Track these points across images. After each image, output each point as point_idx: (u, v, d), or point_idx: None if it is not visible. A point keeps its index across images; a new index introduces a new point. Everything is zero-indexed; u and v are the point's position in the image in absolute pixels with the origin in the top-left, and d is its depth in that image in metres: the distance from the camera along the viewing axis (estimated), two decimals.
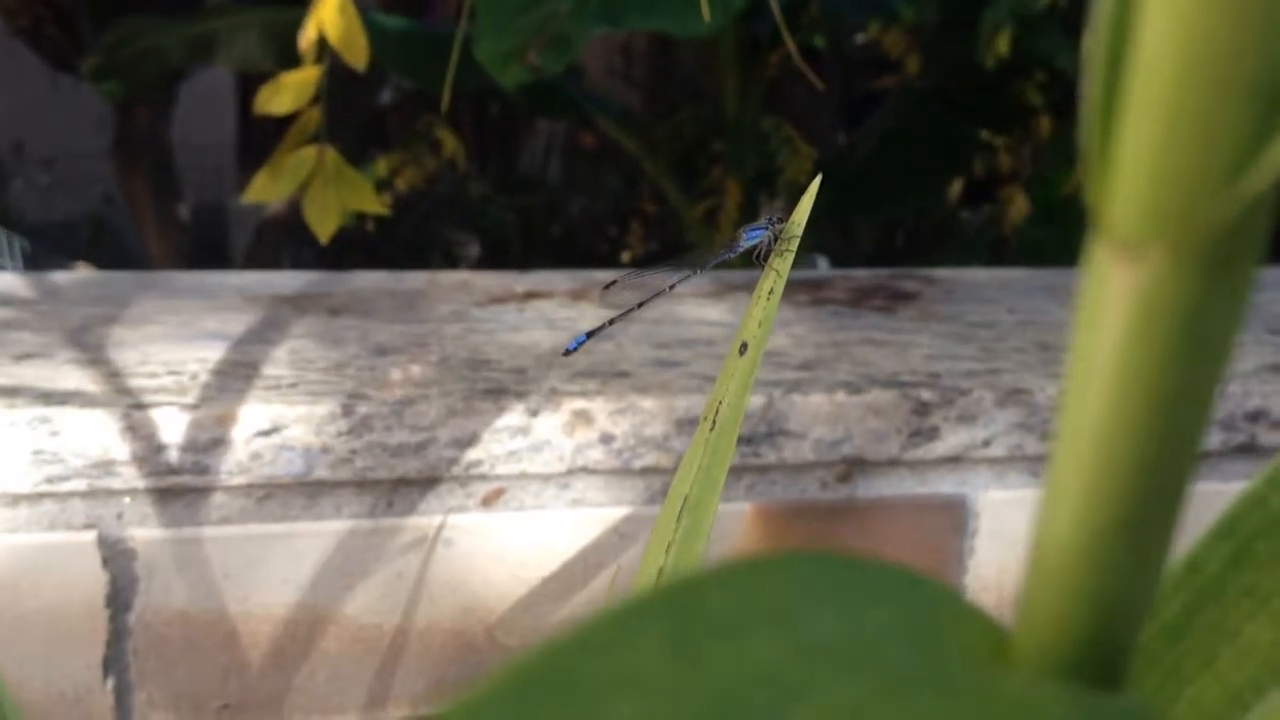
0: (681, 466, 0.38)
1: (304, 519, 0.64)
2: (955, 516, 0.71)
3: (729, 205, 2.28)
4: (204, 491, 0.62)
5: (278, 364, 0.68)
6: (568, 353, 0.67)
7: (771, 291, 0.38)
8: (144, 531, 0.62)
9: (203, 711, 0.64)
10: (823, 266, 3.23)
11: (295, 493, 0.63)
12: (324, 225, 1.27)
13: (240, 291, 0.82)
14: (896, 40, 2.45)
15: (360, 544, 0.64)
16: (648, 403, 0.66)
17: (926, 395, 0.68)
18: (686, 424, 0.66)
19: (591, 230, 3.58)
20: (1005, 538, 0.71)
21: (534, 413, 0.65)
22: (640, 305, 0.51)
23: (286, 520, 0.64)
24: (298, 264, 3.02)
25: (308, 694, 0.65)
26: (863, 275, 0.93)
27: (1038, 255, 2.23)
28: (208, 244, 2.96)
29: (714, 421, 0.37)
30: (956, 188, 2.84)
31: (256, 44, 2.09)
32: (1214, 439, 0.71)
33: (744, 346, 0.37)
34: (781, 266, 0.40)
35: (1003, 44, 2.36)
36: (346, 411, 0.63)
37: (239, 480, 0.62)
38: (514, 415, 0.64)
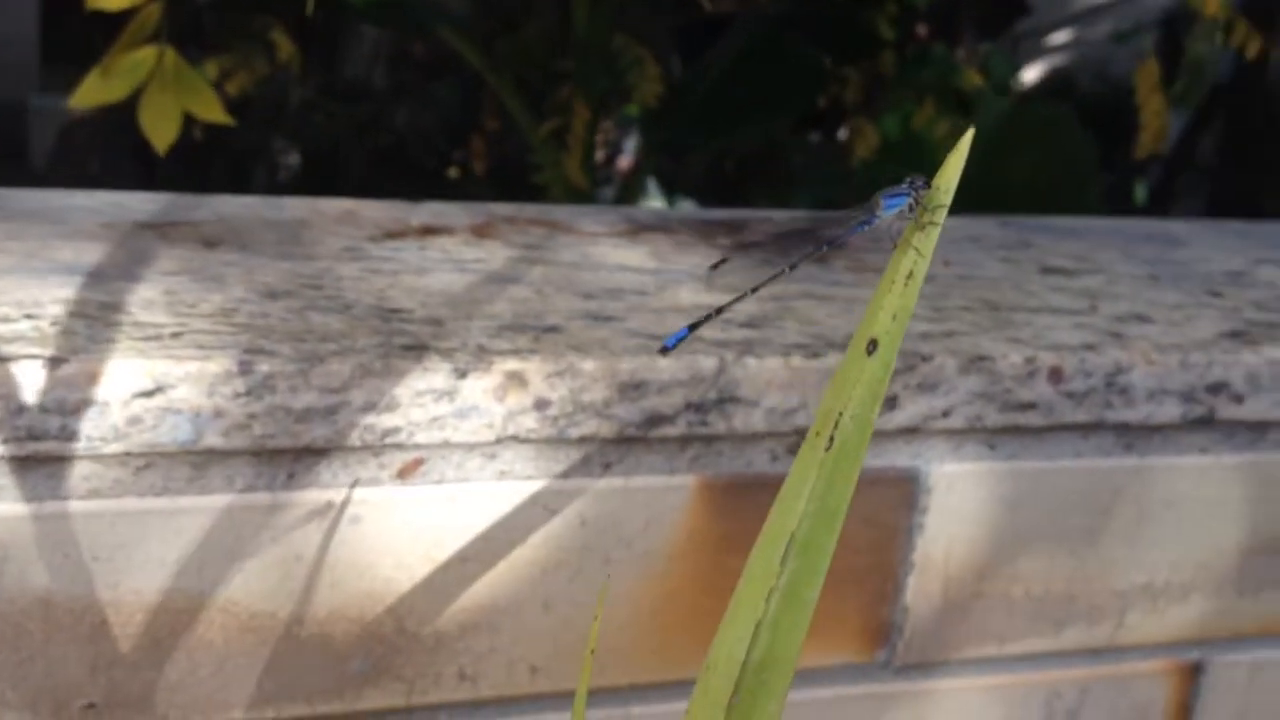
0: (783, 494, 0.30)
1: (189, 493, 0.55)
2: (906, 491, 0.65)
3: (577, 126, 2.18)
4: (70, 460, 0.53)
5: (154, 308, 0.58)
6: (665, 350, 0.58)
7: (910, 276, 0.31)
8: None
9: (65, 711, 0.55)
10: (685, 205, 3.17)
11: (180, 462, 0.54)
12: (162, 133, 1.15)
13: (93, 215, 0.71)
14: None
15: (254, 521, 0.56)
16: (588, 364, 0.58)
17: None
18: (630, 389, 0.59)
19: (421, 143, 3.44)
20: (957, 515, 0.65)
21: (461, 374, 0.56)
22: (754, 290, 0.43)
23: (169, 494, 0.54)
24: (109, 171, 2.82)
25: (188, 691, 0.56)
26: (780, 217, 0.86)
27: None
28: (5, 146, 2.74)
29: (831, 438, 0.29)
30: None
31: None
32: (1172, 411, 0.67)
33: (873, 344, 0.30)
34: (924, 244, 0.33)
35: None
36: (245, 369, 0.53)
37: (113, 448, 0.52)
38: (439, 376, 0.56)
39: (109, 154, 2.84)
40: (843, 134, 3.65)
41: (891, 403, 0.63)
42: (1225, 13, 2.24)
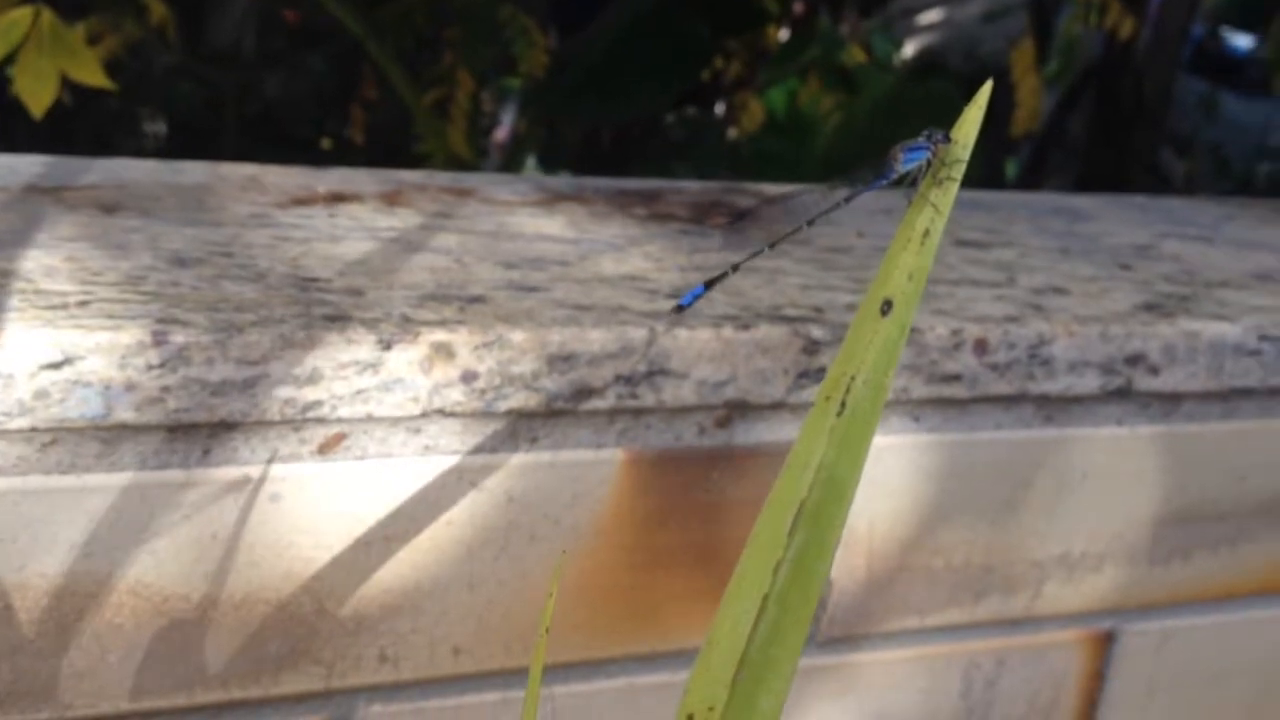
0: (790, 461, 0.29)
1: (98, 470, 0.52)
2: None
3: (460, 96, 2.15)
4: None
5: (57, 276, 0.55)
6: (680, 308, 0.55)
7: (927, 233, 0.30)
8: None
9: None
10: (563, 177, 3.14)
11: (89, 438, 0.51)
12: (38, 97, 1.10)
13: None
14: None
15: (167, 499, 0.53)
16: (517, 336, 0.56)
17: (817, 332, 0.61)
18: (559, 361, 0.57)
19: (293, 113, 3.36)
20: (882, 488, 0.65)
21: (386, 345, 0.54)
22: (772, 246, 0.42)
23: (76, 471, 0.51)
24: None
25: (97, 678, 0.54)
26: (693, 188, 0.85)
27: (774, 166, 2.20)
28: None
29: (843, 403, 0.28)
30: None
31: None
32: (1091, 382, 0.67)
33: (887, 305, 0.29)
34: (941, 200, 0.32)
35: None
36: (158, 340, 0.51)
37: (18, 424, 0.49)
38: (362, 348, 0.54)
39: None
40: (719, 108, 3.66)
41: (820, 375, 0.62)
42: None
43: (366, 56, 2.32)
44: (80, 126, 2.74)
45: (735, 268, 0.46)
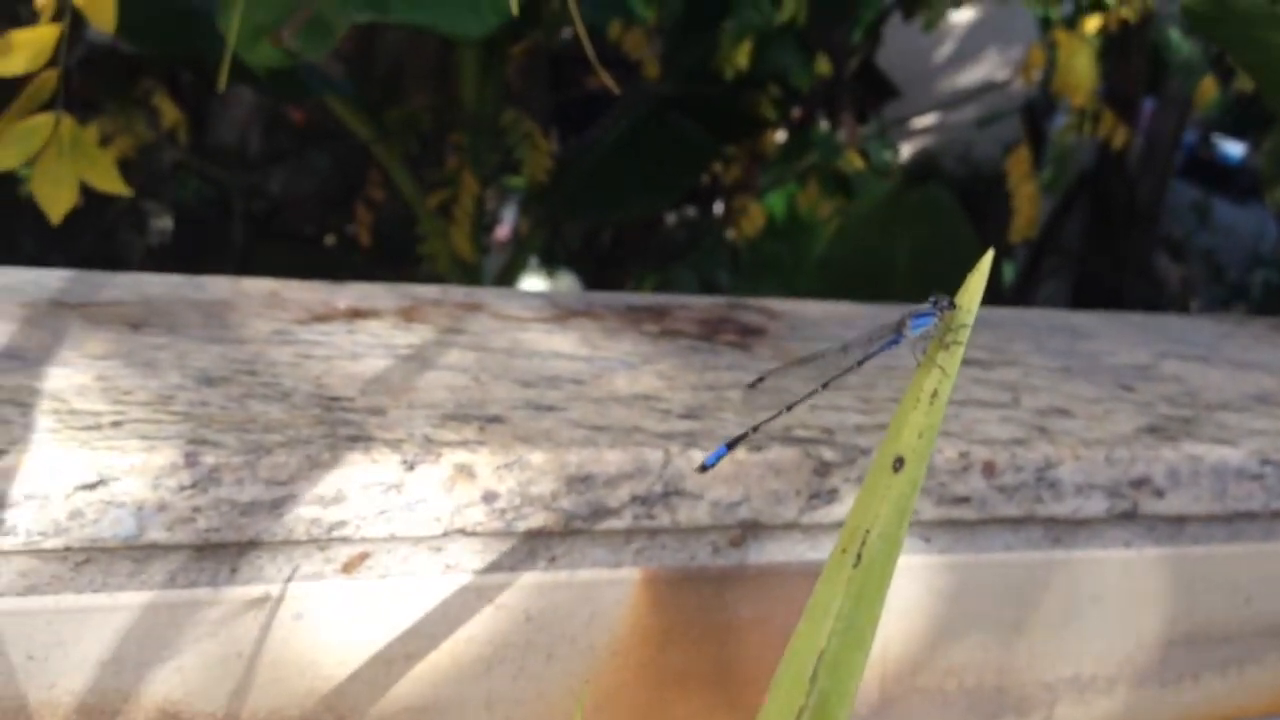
0: (808, 611, 0.30)
1: (129, 588, 0.53)
2: None
3: (464, 198, 2.18)
4: (5, 556, 0.50)
5: (89, 395, 0.56)
6: (705, 468, 0.57)
7: (935, 395, 0.31)
8: None
9: None
10: (564, 277, 3.17)
11: (121, 557, 0.52)
12: (57, 203, 1.12)
13: (10, 293, 0.68)
14: (638, 41, 2.41)
15: (194, 617, 0.54)
16: (536, 457, 0.58)
17: (828, 454, 0.63)
18: (577, 481, 0.58)
19: (298, 210, 3.40)
20: (894, 609, 0.66)
21: (410, 466, 0.55)
22: (789, 408, 0.43)
23: (108, 590, 0.52)
24: None
25: None
26: (701, 304, 0.87)
27: (772, 270, 2.23)
28: None
29: (858, 555, 0.30)
30: None
31: None
32: (1098, 505, 0.68)
33: (899, 461, 0.30)
34: (949, 363, 0.33)
35: (742, 56, 2.36)
36: (190, 461, 0.52)
37: (53, 543, 0.50)
38: (387, 469, 0.55)
39: None
40: (718, 208, 3.70)
41: (831, 496, 0.63)
42: (1093, 104, 2.33)
43: (372, 158, 2.35)
44: (86, 223, 2.77)
45: (756, 429, 0.48)
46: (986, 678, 0.68)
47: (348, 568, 0.56)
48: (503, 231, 3.56)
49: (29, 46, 1.01)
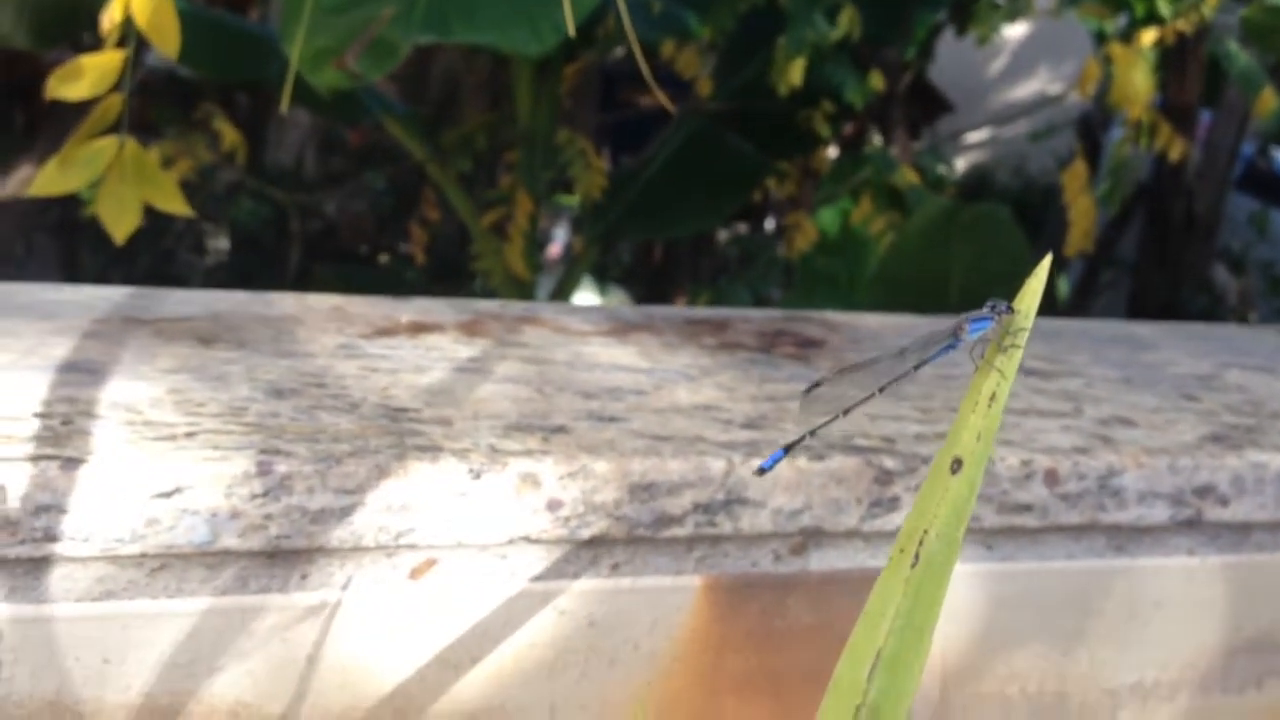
0: (867, 611, 0.31)
1: (203, 594, 0.54)
2: None
3: (519, 217, 2.20)
4: (83, 562, 0.52)
5: (163, 407, 0.58)
6: (762, 471, 0.58)
7: (993, 397, 0.32)
8: (6, 608, 0.51)
9: None
10: (615, 292, 3.18)
11: (195, 563, 0.53)
12: (121, 223, 1.14)
13: (83, 310, 0.70)
14: (691, 60, 2.42)
15: (264, 621, 0.55)
16: (600, 466, 0.58)
17: (889, 462, 0.63)
18: (640, 490, 0.59)
19: (353, 230, 3.43)
20: (955, 615, 0.66)
21: (476, 475, 0.56)
22: (846, 413, 0.44)
23: (182, 595, 0.53)
24: (34, 251, 2.78)
25: None
26: (759, 317, 0.87)
27: (826, 285, 2.23)
28: None
29: (916, 555, 0.30)
30: None
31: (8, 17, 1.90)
32: (1161, 513, 0.68)
33: (957, 463, 0.31)
34: (1007, 366, 0.34)
35: (796, 73, 2.36)
36: (263, 470, 0.53)
37: (130, 549, 0.52)
38: (454, 478, 0.56)
39: (31, 234, 2.81)
40: (769, 224, 3.69)
41: (893, 504, 0.64)
42: (1149, 116, 2.31)
43: (426, 177, 2.38)
44: (145, 243, 2.81)
45: (812, 433, 0.48)
46: (1048, 684, 0.68)
47: (415, 574, 0.57)
48: (555, 249, 3.59)
49: (95, 71, 1.04)
